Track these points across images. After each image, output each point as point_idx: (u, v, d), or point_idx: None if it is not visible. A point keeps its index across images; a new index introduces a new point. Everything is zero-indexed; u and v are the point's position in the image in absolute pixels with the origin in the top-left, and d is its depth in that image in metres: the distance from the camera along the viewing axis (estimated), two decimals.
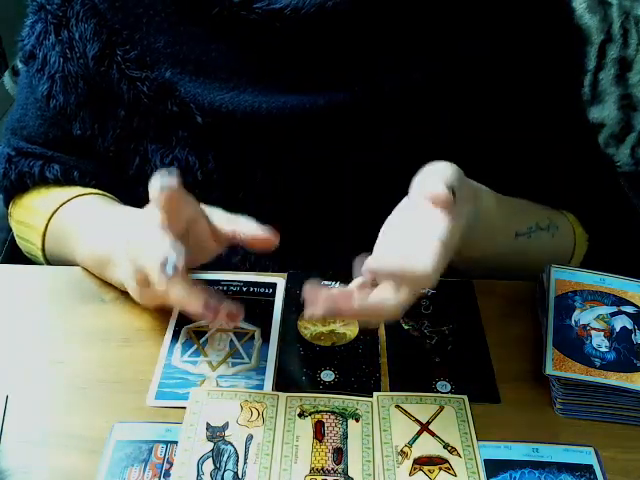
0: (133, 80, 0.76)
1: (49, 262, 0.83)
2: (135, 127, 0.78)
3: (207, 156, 0.76)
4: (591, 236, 0.87)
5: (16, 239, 0.88)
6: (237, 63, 0.75)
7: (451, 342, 0.69)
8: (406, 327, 0.70)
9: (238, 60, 0.75)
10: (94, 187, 0.82)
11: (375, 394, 0.63)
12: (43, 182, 0.82)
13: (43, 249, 0.83)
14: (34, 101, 0.82)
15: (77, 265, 0.77)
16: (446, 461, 0.58)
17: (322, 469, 0.57)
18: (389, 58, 0.75)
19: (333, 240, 0.78)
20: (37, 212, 0.82)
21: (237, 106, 0.74)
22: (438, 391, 0.64)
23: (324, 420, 0.61)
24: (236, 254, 0.79)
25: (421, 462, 0.58)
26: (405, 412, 0.62)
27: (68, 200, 0.81)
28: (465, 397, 0.63)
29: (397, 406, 0.62)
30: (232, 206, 0.76)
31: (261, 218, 0.78)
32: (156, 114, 0.76)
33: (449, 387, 0.65)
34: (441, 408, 0.62)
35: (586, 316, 0.68)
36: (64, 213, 0.81)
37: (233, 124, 0.75)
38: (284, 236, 0.78)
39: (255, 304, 0.72)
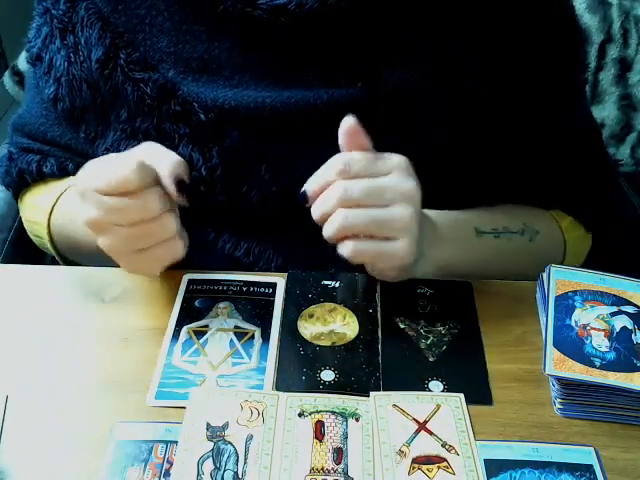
0: (137, 82, 0.76)
1: (61, 254, 0.86)
2: (137, 127, 0.78)
3: (211, 152, 0.76)
4: (592, 234, 0.87)
5: (30, 236, 0.90)
6: (240, 60, 0.76)
7: (446, 342, 0.69)
8: (402, 326, 0.70)
9: (241, 57, 0.76)
10: None
11: (372, 393, 0.63)
12: (41, 177, 0.84)
13: (52, 241, 0.85)
14: (40, 101, 0.83)
15: (93, 251, 0.77)
16: (444, 460, 0.58)
17: (322, 469, 0.57)
18: (392, 55, 0.75)
19: None
20: (40, 209, 0.85)
21: (240, 102, 0.74)
22: (430, 391, 0.64)
23: (324, 420, 0.61)
24: (239, 248, 0.79)
25: (420, 461, 0.58)
26: (402, 411, 0.62)
27: (64, 191, 0.83)
28: (461, 395, 0.63)
29: (394, 405, 0.62)
30: (236, 201, 0.76)
31: (265, 213, 0.78)
32: (159, 114, 0.77)
33: (441, 387, 0.65)
34: (438, 407, 0.62)
35: (586, 316, 0.68)
36: (62, 203, 0.83)
37: (236, 120, 0.75)
38: (287, 230, 0.79)
39: (255, 304, 0.72)
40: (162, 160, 0.67)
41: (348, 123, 0.66)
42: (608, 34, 1.24)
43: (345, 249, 0.66)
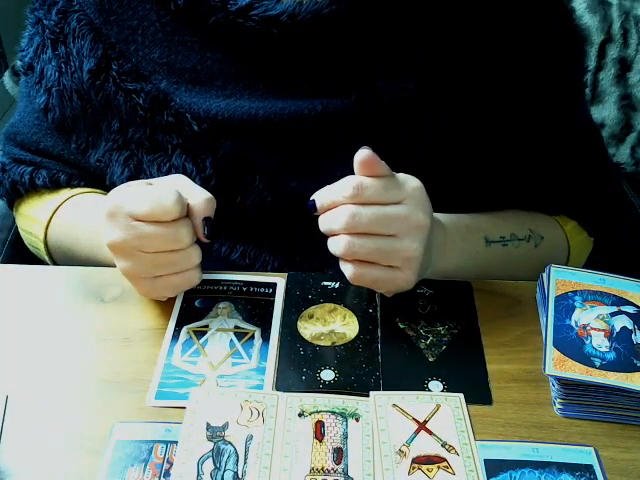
0: (129, 92, 0.76)
1: (58, 264, 0.86)
2: (129, 137, 0.78)
3: (204, 162, 0.76)
4: (595, 239, 0.87)
5: (27, 246, 0.90)
6: (233, 70, 0.76)
7: (446, 342, 0.69)
8: (402, 326, 0.70)
9: (234, 67, 0.76)
10: (83, 187, 0.84)
11: (372, 393, 0.63)
12: (34, 189, 0.84)
13: (49, 254, 0.85)
14: (32, 110, 0.83)
15: (92, 265, 0.78)
16: (444, 460, 0.58)
17: (322, 469, 0.57)
18: (385, 65, 0.75)
19: None
20: (35, 222, 0.84)
21: (233, 113, 0.74)
22: (430, 391, 0.64)
23: (324, 420, 0.61)
24: (235, 251, 0.79)
25: (420, 461, 0.58)
26: (402, 411, 0.62)
27: (59, 205, 0.83)
28: (461, 395, 0.63)
29: (394, 405, 0.62)
30: (230, 211, 0.76)
31: (260, 221, 0.78)
32: (152, 124, 0.77)
33: (441, 387, 0.65)
34: (438, 407, 0.62)
35: (586, 316, 0.68)
36: (59, 218, 0.83)
37: (230, 130, 0.75)
38: (284, 234, 0.78)
39: (255, 304, 0.72)
40: (194, 196, 0.66)
41: (364, 153, 0.64)
42: (608, 34, 1.24)
43: (346, 271, 0.66)
